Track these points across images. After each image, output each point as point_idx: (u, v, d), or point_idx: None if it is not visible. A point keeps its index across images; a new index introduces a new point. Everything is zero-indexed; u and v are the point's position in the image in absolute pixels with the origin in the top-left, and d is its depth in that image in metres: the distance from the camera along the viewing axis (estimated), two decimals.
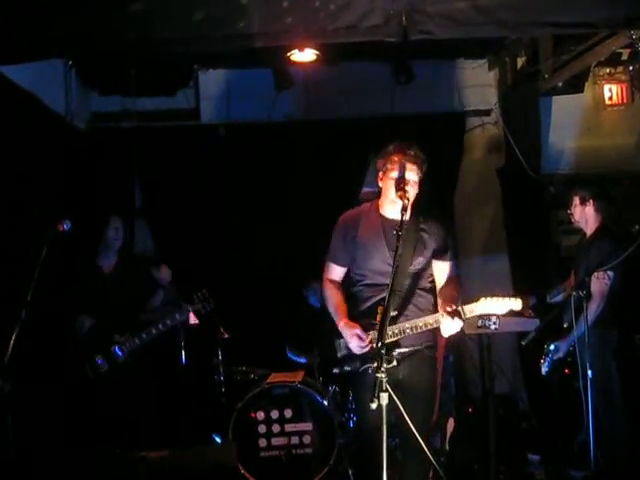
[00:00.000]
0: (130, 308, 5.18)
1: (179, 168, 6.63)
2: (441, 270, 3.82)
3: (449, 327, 3.52)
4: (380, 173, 3.78)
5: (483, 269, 7.03)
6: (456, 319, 3.48)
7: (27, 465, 4.05)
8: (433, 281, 3.84)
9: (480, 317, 3.90)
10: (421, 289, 3.78)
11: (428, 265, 3.79)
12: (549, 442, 5.47)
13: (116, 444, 4.65)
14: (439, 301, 3.77)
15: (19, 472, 3.85)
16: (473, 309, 3.56)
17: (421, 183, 3.76)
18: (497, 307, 3.54)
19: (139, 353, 5.06)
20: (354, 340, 3.65)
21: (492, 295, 3.55)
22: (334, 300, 3.85)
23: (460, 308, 3.53)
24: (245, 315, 6.22)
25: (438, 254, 3.78)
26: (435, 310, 3.74)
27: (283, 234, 6.53)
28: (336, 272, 3.93)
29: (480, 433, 5.12)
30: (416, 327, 3.61)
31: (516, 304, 3.53)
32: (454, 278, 3.82)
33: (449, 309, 3.49)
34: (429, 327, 3.60)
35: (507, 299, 3.53)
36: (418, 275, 3.76)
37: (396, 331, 3.61)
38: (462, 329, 3.59)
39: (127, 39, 3.73)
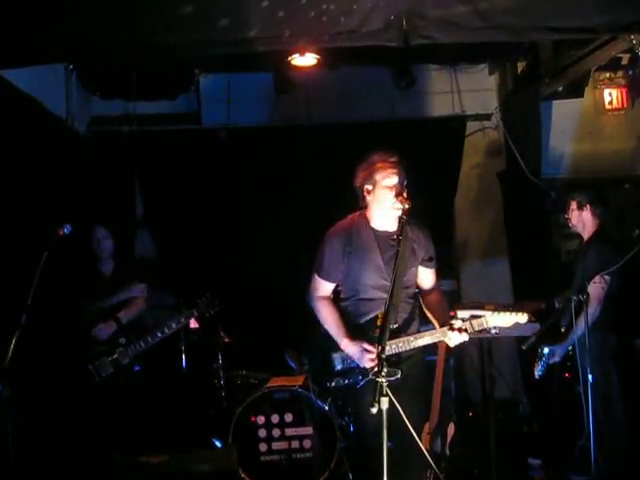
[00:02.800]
0: None
1: (180, 172, 6.64)
2: (426, 277, 3.91)
3: (456, 340, 3.61)
4: (367, 187, 3.77)
5: (483, 273, 7.05)
6: (464, 334, 3.59)
7: (27, 470, 4.05)
8: (417, 287, 3.92)
9: (501, 310, 3.90)
10: (411, 297, 3.84)
11: (416, 274, 3.87)
12: (550, 446, 5.47)
13: (116, 449, 4.66)
14: (428, 309, 3.87)
15: (19, 477, 3.85)
16: (481, 323, 3.65)
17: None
18: (504, 321, 3.64)
19: (141, 357, 5.06)
20: (364, 355, 3.62)
21: (499, 309, 3.66)
22: (333, 318, 3.79)
23: (469, 323, 3.61)
24: (246, 319, 6.22)
25: (424, 262, 3.86)
26: (420, 315, 3.87)
27: (284, 238, 6.53)
28: (327, 288, 3.88)
29: (480, 437, 5.11)
30: (422, 340, 3.66)
31: (522, 318, 3.62)
32: (437, 284, 3.95)
33: (456, 326, 3.57)
34: (435, 340, 3.66)
35: (514, 314, 3.62)
36: (409, 285, 3.82)
37: (400, 344, 3.64)
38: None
39: (129, 44, 3.74)
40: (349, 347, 3.68)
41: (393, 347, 3.60)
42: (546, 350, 4.87)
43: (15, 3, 3.61)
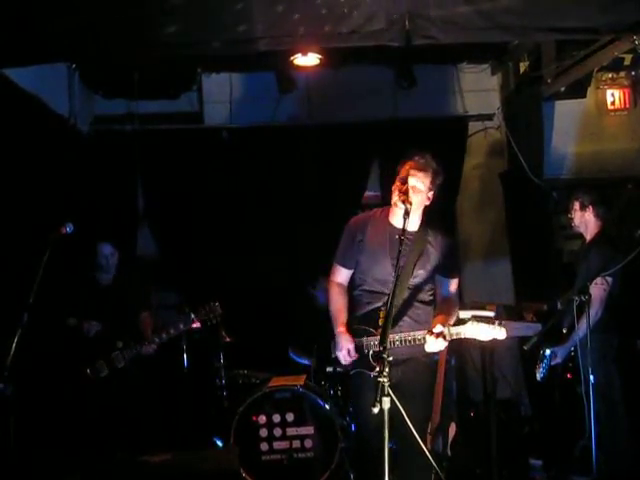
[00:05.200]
0: (131, 316, 5.19)
1: (182, 171, 6.64)
2: (442, 286, 3.88)
3: (432, 346, 3.59)
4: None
5: (485, 273, 7.04)
6: (440, 339, 3.55)
7: (29, 468, 4.06)
8: (434, 294, 3.88)
9: (482, 322, 3.91)
10: (420, 302, 3.78)
11: (430, 278, 3.81)
12: (551, 447, 5.46)
13: (118, 448, 4.66)
14: (436, 314, 3.82)
15: (21, 475, 3.85)
16: (459, 332, 3.63)
17: (433, 195, 3.77)
18: (482, 333, 3.62)
19: (143, 357, 5.06)
20: (343, 352, 3.71)
21: (480, 320, 3.63)
22: (336, 305, 3.88)
23: (446, 329, 3.59)
24: (247, 319, 6.22)
25: (441, 269, 3.81)
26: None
27: (286, 237, 6.54)
28: (343, 275, 3.93)
29: (482, 438, 5.11)
30: (405, 341, 3.65)
31: (500, 333, 3.60)
32: (453, 295, 3.89)
33: (435, 331, 3.55)
34: (417, 343, 3.64)
35: (492, 327, 3.60)
36: (418, 287, 3.77)
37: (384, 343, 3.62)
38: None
39: (132, 42, 3.74)
40: (339, 337, 3.75)
41: (376, 344, 3.56)
42: (548, 352, 4.85)
43: (18, 2, 3.61)
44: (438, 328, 3.55)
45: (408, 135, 6.52)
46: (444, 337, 3.55)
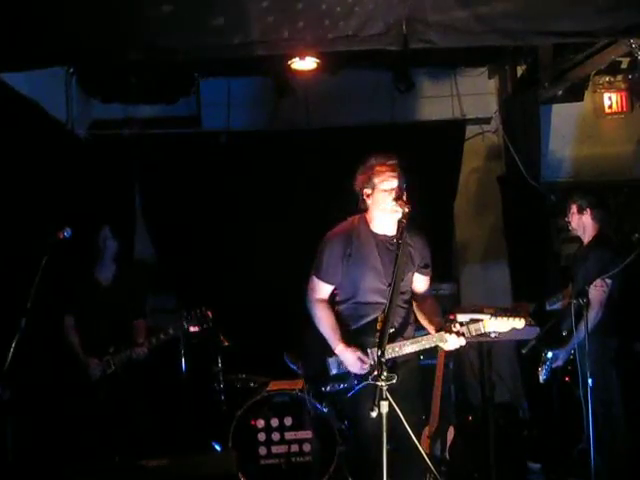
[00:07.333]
0: (128, 319, 5.18)
1: (180, 175, 6.64)
2: (421, 283, 3.90)
3: (454, 344, 3.60)
4: (366, 190, 3.77)
5: (483, 276, 7.05)
6: (461, 338, 3.58)
7: (26, 473, 4.05)
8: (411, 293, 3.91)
9: (498, 315, 3.92)
10: (406, 302, 3.83)
11: (412, 279, 3.86)
12: (549, 451, 5.46)
13: (116, 452, 4.65)
14: (422, 314, 3.85)
15: (19, 479, 3.85)
16: (479, 328, 3.64)
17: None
18: (502, 325, 3.63)
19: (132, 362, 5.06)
20: (357, 364, 3.65)
21: (497, 314, 3.64)
22: (328, 322, 3.79)
23: (466, 327, 3.61)
24: (245, 323, 6.21)
25: (420, 268, 3.85)
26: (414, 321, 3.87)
27: (284, 242, 6.53)
28: (325, 290, 3.86)
29: (480, 441, 5.11)
30: (419, 344, 3.65)
31: (519, 323, 3.62)
32: (429, 292, 3.95)
33: (455, 329, 3.58)
34: (432, 345, 3.65)
35: (511, 319, 3.62)
36: (405, 290, 3.81)
37: (397, 349, 3.64)
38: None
39: (130, 49, 3.75)
40: (343, 353, 3.68)
41: (389, 351, 3.56)
42: (549, 354, 4.86)
43: (16, 7, 3.62)
44: (457, 327, 3.58)
45: (406, 139, 6.53)
46: (464, 335, 3.59)
